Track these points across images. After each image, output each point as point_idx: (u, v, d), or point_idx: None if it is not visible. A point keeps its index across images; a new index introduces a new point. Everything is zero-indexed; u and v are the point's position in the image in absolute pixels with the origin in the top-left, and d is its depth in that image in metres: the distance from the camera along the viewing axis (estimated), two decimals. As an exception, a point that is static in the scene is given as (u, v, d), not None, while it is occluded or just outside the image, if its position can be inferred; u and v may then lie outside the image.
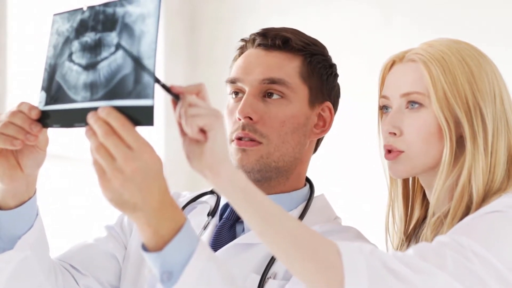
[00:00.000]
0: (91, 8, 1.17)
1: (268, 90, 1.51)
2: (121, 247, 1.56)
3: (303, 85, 1.53)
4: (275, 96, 1.51)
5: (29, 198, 1.32)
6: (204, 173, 1.14)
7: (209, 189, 1.63)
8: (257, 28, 1.59)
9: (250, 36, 1.57)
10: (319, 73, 1.55)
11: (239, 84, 1.53)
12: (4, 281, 1.34)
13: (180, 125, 1.15)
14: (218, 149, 1.12)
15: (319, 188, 1.61)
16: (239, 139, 1.50)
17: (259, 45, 1.54)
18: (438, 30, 3.34)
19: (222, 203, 1.58)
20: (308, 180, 1.61)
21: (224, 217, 1.55)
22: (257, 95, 1.51)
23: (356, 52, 3.56)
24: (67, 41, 1.19)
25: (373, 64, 2.55)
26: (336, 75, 1.60)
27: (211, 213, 1.57)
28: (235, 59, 1.58)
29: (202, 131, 1.12)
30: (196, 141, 1.13)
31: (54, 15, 1.23)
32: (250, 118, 1.49)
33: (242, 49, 1.58)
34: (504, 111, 1.44)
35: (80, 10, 1.19)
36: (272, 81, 1.50)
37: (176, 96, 1.14)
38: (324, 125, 1.58)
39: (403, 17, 3.58)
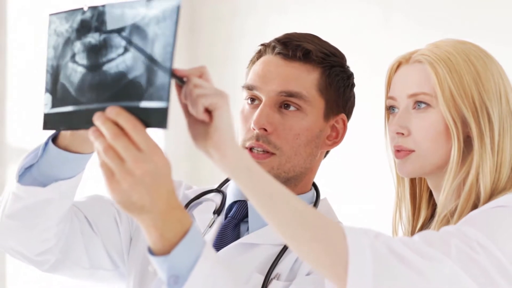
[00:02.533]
0: (93, 8, 1.15)
1: (285, 101, 1.51)
2: (126, 230, 1.56)
3: (320, 98, 1.53)
4: (291, 108, 1.51)
5: (90, 153, 1.32)
6: (209, 153, 1.14)
7: (214, 187, 1.63)
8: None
9: (271, 42, 1.55)
10: (337, 86, 1.55)
11: (256, 92, 1.52)
12: (18, 207, 1.35)
13: (185, 106, 1.15)
14: (224, 129, 1.12)
15: (321, 190, 1.61)
16: (251, 148, 1.50)
17: (279, 53, 1.53)
18: (439, 29, 3.35)
19: (228, 202, 1.58)
20: (313, 184, 1.61)
21: (229, 215, 1.55)
22: (273, 106, 1.51)
23: (356, 51, 3.55)
24: (68, 41, 1.17)
25: (373, 63, 2.55)
26: (353, 86, 1.59)
27: (217, 211, 1.57)
28: (252, 63, 1.57)
29: (208, 111, 1.13)
30: (201, 121, 1.13)
31: (50, 15, 1.21)
32: (265, 129, 1.49)
33: (260, 54, 1.57)
34: (509, 110, 1.45)
35: (80, 10, 1.16)
36: (290, 94, 1.50)
37: (180, 79, 1.14)
38: (337, 136, 1.57)
39: (404, 16, 3.58)
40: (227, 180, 1.63)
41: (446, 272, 1.19)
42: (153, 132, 1.10)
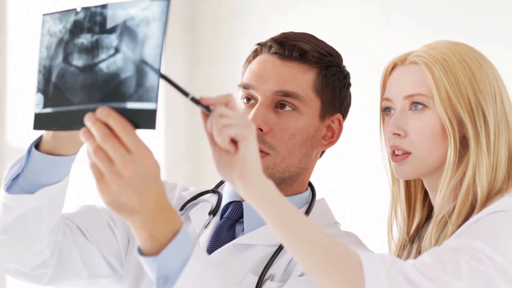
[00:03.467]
0: (85, 9, 1.15)
1: (281, 101, 1.50)
2: (123, 233, 1.56)
3: (316, 98, 1.53)
4: (287, 108, 1.50)
5: (73, 154, 1.31)
6: (234, 183, 1.14)
7: (210, 188, 1.63)
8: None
9: (267, 41, 1.55)
10: (333, 86, 1.54)
11: (252, 91, 1.52)
12: (9, 220, 1.34)
13: (210, 135, 1.15)
14: (249, 160, 1.12)
15: (318, 190, 1.61)
16: None
17: (275, 53, 1.52)
18: (439, 30, 3.35)
19: (224, 202, 1.57)
20: (310, 184, 1.60)
21: (224, 216, 1.55)
22: (269, 106, 1.50)
23: (357, 52, 3.56)
24: (61, 42, 1.17)
25: (374, 64, 2.55)
26: (349, 85, 1.59)
27: (213, 212, 1.57)
28: (249, 62, 1.57)
29: (233, 141, 1.13)
30: (226, 151, 1.14)
31: (44, 15, 1.21)
32: (260, 129, 1.49)
33: (256, 53, 1.56)
34: (504, 110, 1.45)
35: (74, 11, 1.16)
36: (286, 94, 1.50)
37: (206, 108, 1.14)
38: (332, 136, 1.57)
39: (404, 16, 3.58)
40: (223, 181, 1.63)
41: None
42: (154, 133, 1.10)
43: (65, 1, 3.09)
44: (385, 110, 1.53)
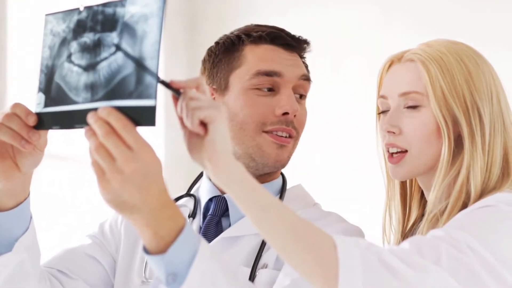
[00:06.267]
0: (88, 8, 1.16)
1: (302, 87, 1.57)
2: (105, 254, 1.56)
3: None
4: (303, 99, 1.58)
5: (25, 199, 1.31)
6: (204, 164, 1.15)
7: (184, 193, 1.64)
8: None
9: (262, 34, 1.59)
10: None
11: (276, 78, 1.54)
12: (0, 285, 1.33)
13: (180, 119, 1.16)
14: (218, 141, 1.13)
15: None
16: (277, 133, 1.53)
17: (283, 44, 1.58)
18: (438, 28, 3.35)
19: (204, 201, 1.58)
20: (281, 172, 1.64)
21: (209, 214, 1.55)
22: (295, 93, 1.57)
23: (357, 51, 3.56)
24: (65, 41, 1.18)
25: (373, 62, 2.55)
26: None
27: (192, 215, 1.57)
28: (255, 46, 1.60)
29: (203, 124, 1.13)
30: (196, 134, 1.14)
31: (47, 15, 1.22)
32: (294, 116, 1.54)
33: (256, 41, 1.60)
34: (500, 110, 1.45)
35: (77, 10, 1.17)
36: (307, 78, 1.58)
37: (176, 91, 1.15)
38: None
39: (403, 15, 3.58)
40: (195, 182, 1.65)
41: (433, 281, 1.19)
42: (154, 133, 1.11)
43: (64, 1, 3.09)
44: (381, 108, 1.53)
